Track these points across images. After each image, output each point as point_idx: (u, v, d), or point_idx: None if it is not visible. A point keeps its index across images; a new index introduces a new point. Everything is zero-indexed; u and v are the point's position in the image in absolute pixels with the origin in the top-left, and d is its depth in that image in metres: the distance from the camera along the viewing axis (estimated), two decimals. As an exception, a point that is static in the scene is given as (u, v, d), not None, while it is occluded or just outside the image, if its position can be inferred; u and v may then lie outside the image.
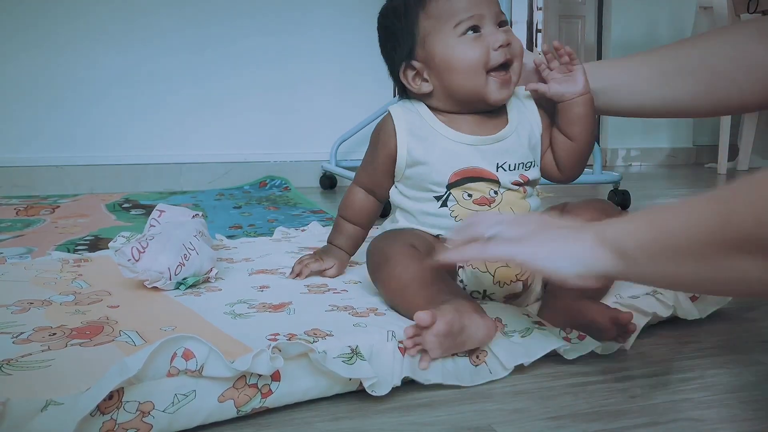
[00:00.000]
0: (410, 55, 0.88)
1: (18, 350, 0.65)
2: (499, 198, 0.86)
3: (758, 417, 0.62)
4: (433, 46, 0.85)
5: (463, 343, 0.70)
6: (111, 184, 2.40)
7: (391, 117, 0.90)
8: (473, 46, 0.83)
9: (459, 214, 0.86)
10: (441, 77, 0.86)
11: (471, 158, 0.86)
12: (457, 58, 0.84)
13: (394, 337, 0.69)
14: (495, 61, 0.83)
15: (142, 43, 2.43)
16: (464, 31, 0.83)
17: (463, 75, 0.84)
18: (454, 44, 0.84)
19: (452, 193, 0.86)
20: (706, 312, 0.87)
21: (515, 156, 0.87)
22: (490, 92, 0.84)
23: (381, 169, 0.91)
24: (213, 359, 0.59)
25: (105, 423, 0.55)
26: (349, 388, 0.66)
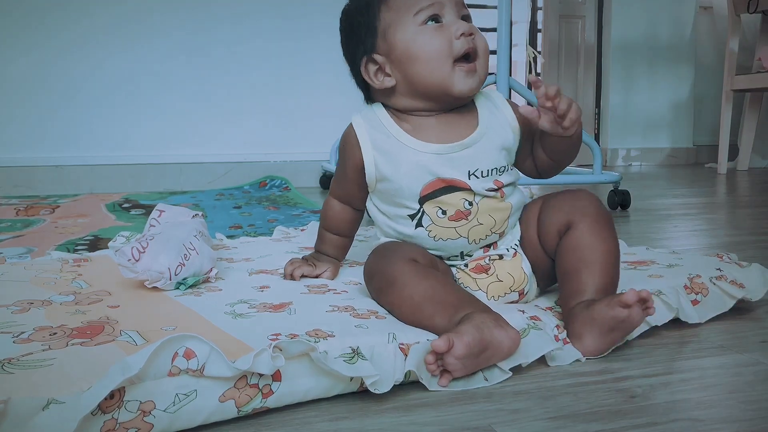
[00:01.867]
0: (372, 49, 0.85)
1: (19, 350, 0.65)
2: (475, 208, 0.83)
3: (758, 417, 0.62)
4: (394, 36, 0.83)
5: (488, 359, 0.69)
6: (111, 184, 2.40)
7: (353, 130, 0.88)
8: (434, 35, 0.81)
9: (437, 233, 0.84)
10: (403, 69, 0.83)
11: (440, 169, 0.82)
12: (418, 47, 0.81)
13: (395, 339, 0.69)
14: (458, 49, 0.81)
15: (142, 44, 2.43)
16: (425, 19, 0.82)
17: (426, 64, 0.81)
18: (415, 33, 0.82)
19: (425, 210, 0.83)
20: (706, 317, 0.87)
21: (486, 162, 0.83)
22: (454, 83, 0.81)
23: (352, 181, 0.89)
24: (214, 359, 0.59)
25: (106, 422, 0.55)
26: (350, 388, 0.66)
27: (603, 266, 0.79)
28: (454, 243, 0.85)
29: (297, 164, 2.59)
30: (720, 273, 0.94)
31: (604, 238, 0.80)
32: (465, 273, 0.86)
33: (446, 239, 0.84)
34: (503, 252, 0.86)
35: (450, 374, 0.68)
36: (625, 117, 3.78)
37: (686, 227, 1.70)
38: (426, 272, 0.78)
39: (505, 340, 0.69)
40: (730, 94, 3.17)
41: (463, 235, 0.84)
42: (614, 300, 0.73)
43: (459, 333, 0.67)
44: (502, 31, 1.88)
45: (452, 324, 0.71)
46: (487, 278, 0.85)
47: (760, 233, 1.60)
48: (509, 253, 0.86)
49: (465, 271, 0.86)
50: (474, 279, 0.85)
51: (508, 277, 0.85)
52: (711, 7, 3.87)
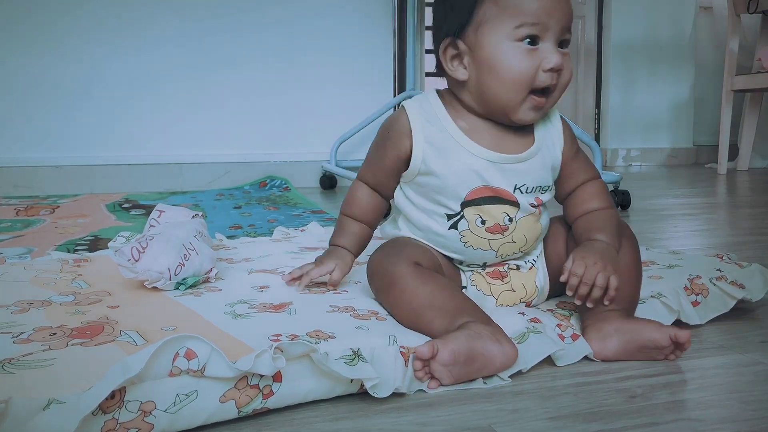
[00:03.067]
0: (458, 33, 0.79)
1: (18, 350, 0.65)
2: (513, 225, 0.82)
3: (758, 417, 0.62)
4: (485, 36, 0.77)
5: (478, 370, 0.68)
6: (111, 184, 2.40)
7: (406, 115, 0.82)
8: (524, 58, 0.76)
9: (470, 240, 0.82)
10: (480, 72, 0.78)
11: (491, 176, 0.80)
12: (504, 63, 0.76)
13: (395, 341, 0.69)
14: (540, 82, 0.77)
15: (142, 44, 2.43)
16: (522, 36, 0.76)
17: (502, 83, 0.77)
18: (506, 46, 0.76)
19: (465, 214, 0.81)
20: (707, 318, 0.87)
21: (534, 179, 0.82)
22: (519, 111, 0.79)
23: (389, 169, 0.85)
24: (215, 359, 0.59)
25: (106, 422, 0.55)
26: (350, 389, 0.66)
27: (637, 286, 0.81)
28: (482, 254, 0.84)
29: (297, 164, 2.59)
30: (720, 273, 0.94)
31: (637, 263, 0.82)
32: (481, 276, 0.85)
33: (476, 248, 0.83)
34: (521, 264, 0.86)
35: (437, 381, 0.67)
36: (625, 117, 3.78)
37: (686, 227, 1.70)
38: (428, 276, 0.77)
39: (498, 355, 0.68)
40: (730, 94, 3.16)
41: (494, 249, 0.83)
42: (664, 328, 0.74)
43: (446, 340, 0.67)
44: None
45: (449, 331, 0.70)
46: (502, 286, 0.85)
47: (759, 233, 1.60)
48: (526, 265, 0.86)
49: (482, 275, 0.85)
50: (489, 284, 0.85)
51: (521, 288, 0.85)
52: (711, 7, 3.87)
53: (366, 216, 0.91)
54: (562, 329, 0.78)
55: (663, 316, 0.84)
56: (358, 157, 2.61)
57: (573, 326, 0.79)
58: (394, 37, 2.72)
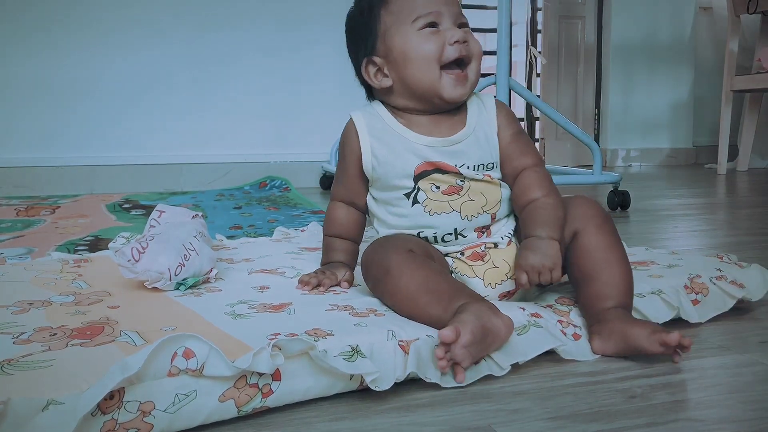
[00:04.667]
0: (372, 51, 0.90)
1: (18, 350, 0.65)
2: (467, 185, 0.87)
3: (758, 417, 0.62)
4: (393, 39, 0.88)
5: (489, 345, 0.70)
6: (111, 185, 2.40)
7: (352, 121, 0.92)
8: (429, 39, 0.86)
9: (432, 207, 0.87)
10: (399, 70, 0.88)
11: (431, 156, 0.87)
12: (412, 49, 0.86)
13: (394, 336, 0.69)
14: (449, 55, 0.85)
15: (142, 44, 2.43)
16: (422, 26, 0.86)
17: (418, 67, 0.86)
18: (411, 37, 0.87)
19: (420, 186, 0.87)
20: (706, 317, 0.88)
21: (473, 158, 0.88)
22: (444, 88, 0.86)
23: (353, 175, 0.93)
24: (213, 358, 0.59)
25: (106, 423, 0.55)
26: (350, 387, 0.66)
27: (621, 268, 0.82)
28: (448, 217, 0.87)
29: (297, 165, 2.59)
30: (720, 273, 0.94)
31: (615, 240, 0.83)
32: (461, 261, 0.87)
33: (440, 213, 0.87)
34: (498, 240, 0.88)
35: (460, 366, 0.68)
36: (625, 117, 3.78)
37: (686, 228, 1.70)
38: (421, 262, 0.79)
39: (502, 327, 0.71)
40: (730, 94, 3.17)
41: (456, 209, 0.87)
42: (656, 335, 0.73)
43: (462, 322, 0.68)
44: (502, 32, 1.88)
45: (448, 314, 0.72)
46: (483, 265, 0.86)
47: (759, 233, 1.60)
48: (503, 241, 0.88)
49: (461, 260, 0.87)
50: (470, 266, 0.86)
51: (503, 264, 0.86)
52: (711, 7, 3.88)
53: (349, 232, 0.97)
54: (563, 326, 0.79)
55: (662, 312, 0.84)
56: (358, 158, 2.60)
57: (573, 323, 0.80)
58: (394, 37, 2.72)
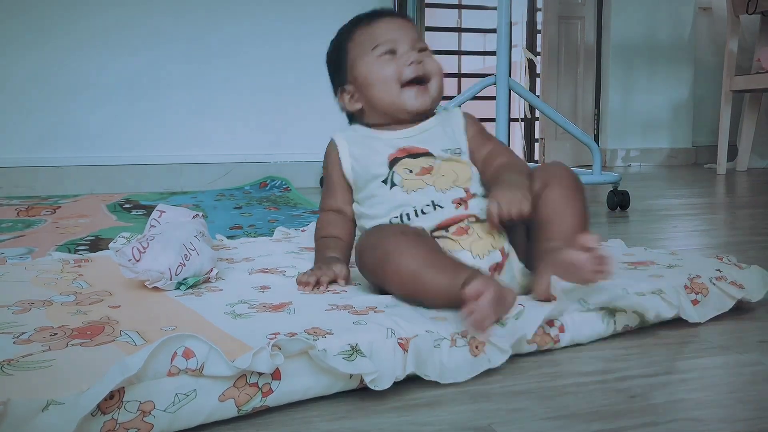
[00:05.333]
0: (344, 80, 1.02)
1: (19, 350, 0.65)
2: (438, 165, 0.95)
3: (758, 417, 0.62)
4: (359, 67, 0.99)
5: (500, 310, 0.74)
6: (111, 185, 2.40)
7: (333, 140, 1.03)
8: (388, 63, 0.97)
9: (409, 186, 0.93)
10: (365, 94, 0.99)
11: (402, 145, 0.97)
12: (374, 74, 0.98)
13: (393, 334, 0.69)
14: (407, 74, 0.96)
15: (142, 44, 2.43)
16: (381, 53, 0.98)
17: (380, 88, 0.97)
18: (372, 63, 0.98)
19: (395, 170, 0.95)
20: (706, 317, 0.87)
21: (441, 143, 0.97)
22: (406, 101, 0.97)
23: (338, 183, 1.01)
24: (213, 358, 0.59)
25: (106, 423, 0.55)
26: (349, 386, 0.66)
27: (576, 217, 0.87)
28: (424, 191, 0.93)
29: (297, 165, 2.59)
30: (720, 274, 0.94)
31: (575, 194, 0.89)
32: (447, 238, 0.90)
33: (417, 189, 0.93)
34: (477, 213, 0.91)
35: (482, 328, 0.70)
36: (625, 117, 3.78)
37: (685, 228, 1.70)
38: (418, 240, 0.84)
39: (509, 295, 0.75)
40: (730, 94, 3.17)
41: (430, 184, 0.93)
42: (573, 241, 0.79)
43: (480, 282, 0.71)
44: (502, 32, 1.88)
45: (455, 286, 0.74)
46: (468, 238, 0.89)
47: (759, 234, 1.60)
48: (483, 214, 0.91)
49: (448, 236, 0.90)
50: (456, 240, 0.89)
51: (487, 236, 0.89)
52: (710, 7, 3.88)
53: (340, 232, 1.01)
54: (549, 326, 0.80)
55: (663, 310, 0.84)
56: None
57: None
58: (394, 37, 2.72)
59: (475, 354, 0.71)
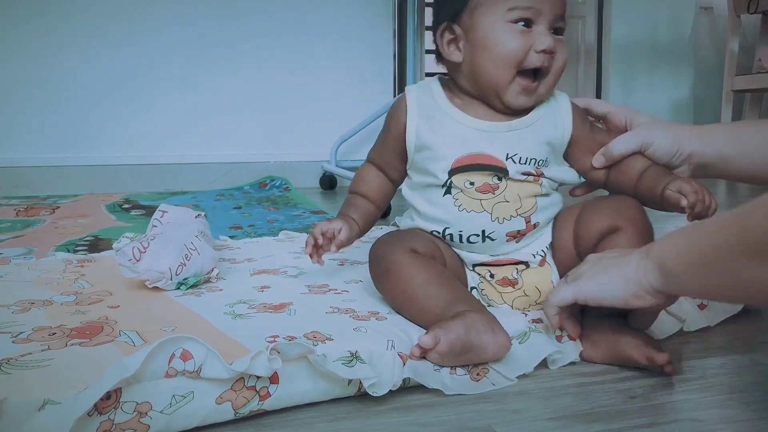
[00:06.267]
0: (454, 18, 0.83)
1: (18, 350, 0.65)
2: (504, 184, 0.82)
3: (758, 417, 0.62)
4: (480, 18, 0.80)
5: (469, 360, 0.69)
6: (111, 185, 2.40)
7: (404, 96, 0.87)
8: (516, 38, 0.79)
9: (463, 203, 0.82)
10: (474, 53, 0.81)
11: (479, 144, 0.82)
12: (496, 40, 0.79)
13: (393, 347, 0.69)
14: (530, 62, 0.79)
15: (142, 44, 2.43)
16: (515, 19, 0.79)
17: (494, 61, 0.80)
18: (500, 27, 0.79)
19: (453, 182, 0.82)
20: (716, 321, 0.86)
21: (526, 150, 0.82)
22: (509, 93, 0.81)
23: (391, 148, 0.88)
24: (211, 360, 0.59)
25: (102, 423, 0.55)
26: (348, 392, 0.65)
27: None
28: (477, 216, 0.82)
29: (297, 164, 2.59)
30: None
31: None
32: (491, 285, 0.84)
33: (470, 210, 0.82)
34: (530, 258, 0.84)
35: None
36: (626, 117, 3.78)
37: (687, 227, 1.69)
38: (423, 264, 0.78)
39: (491, 345, 0.69)
40: (731, 94, 3.16)
41: (487, 210, 0.82)
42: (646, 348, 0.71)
43: (447, 330, 0.68)
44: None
45: (444, 319, 0.71)
46: (513, 292, 0.83)
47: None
48: (536, 260, 0.84)
49: (491, 284, 0.84)
50: (500, 293, 0.84)
51: (534, 292, 0.83)
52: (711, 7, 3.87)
53: (372, 193, 0.92)
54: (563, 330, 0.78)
55: (668, 326, 0.82)
56: (358, 158, 2.60)
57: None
58: (394, 37, 2.72)
59: (476, 380, 0.70)
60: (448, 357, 0.68)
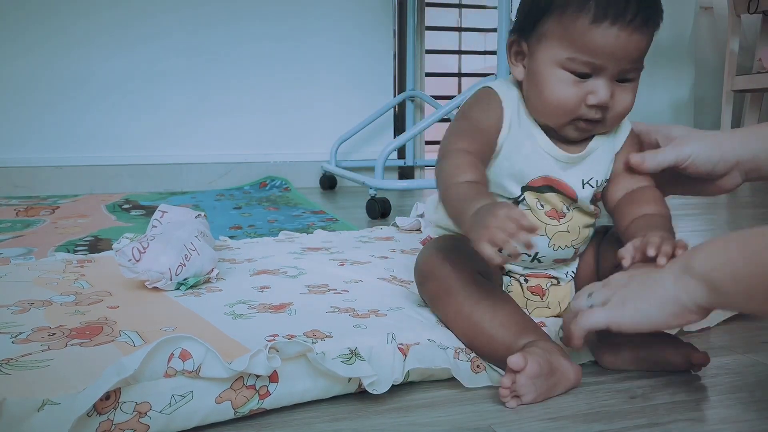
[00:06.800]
0: (525, 34, 0.77)
1: (17, 350, 0.65)
2: (570, 215, 0.80)
3: (758, 417, 0.62)
4: (541, 51, 0.74)
5: (555, 385, 0.66)
6: (111, 185, 2.40)
7: (497, 94, 0.78)
8: (568, 88, 0.73)
9: None
10: (530, 83, 0.77)
11: (556, 170, 0.78)
12: (548, 86, 0.74)
13: (394, 339, 0.69)
14: (583, 114, 0.74)
15: (142, 44, 2.43)
16: (572, 69, 0.72)
17: (545, 105, 0.75)
18: (554, 71, 0.73)
19: (526, 197, 0.78)
20: (716, 321, 0.87)
21: (601, 172, 0.80)
22: (564, 131, 0.77)
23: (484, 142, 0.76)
24: (210, 360, 0.59)
25: (102, 423, 0.55)
26: (348, 389, 0.65)
27: None
28: (537, 239, 0.77)
29: (297, 164, 2.59)
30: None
31: None
32: (521, 289, 0.82)
33: None
34: (561, 276, 0.83)
35: (519, 399, 0.64)
36: (626, 117, 3.78)
37: (687, 228, 1.69)
38: (488, 288, 0.73)
39: (571, 371, 0.67)
40: (731, 94, 3.16)
41: (548, 235, 0.79)
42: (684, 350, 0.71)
43: (531, 353, 0.64)
44: (502, 31, 1.87)
45: (512, 350, 0.66)
46: (539, 303, 0.83)
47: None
48: (566, 279, 0.84)
49: (523, 288, 0.82)
50: (527, 299, 0.82)
51: (556, 306, 0.83)
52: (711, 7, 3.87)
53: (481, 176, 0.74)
54: None
55: None
56: (358, 158, 2.60)
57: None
58: (394, 37, 2.72)
59: (475, 371, 0.70)
60: (537, 381, 0.64)
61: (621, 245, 0.74)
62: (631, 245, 0.71)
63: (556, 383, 0.66)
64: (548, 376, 0.65)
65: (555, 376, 0.66)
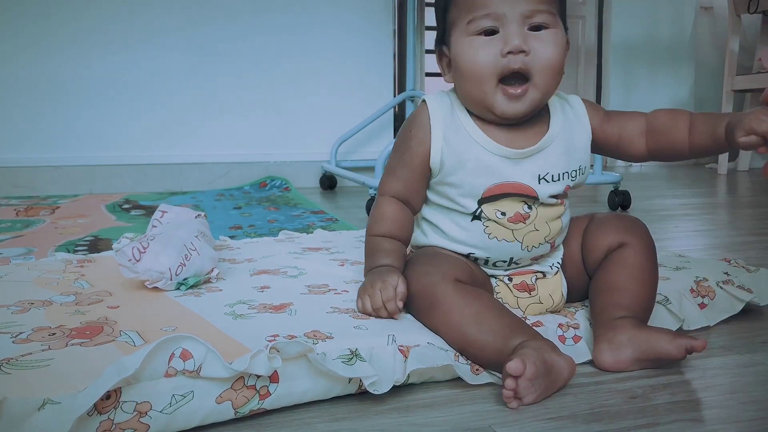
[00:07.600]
0: (442, 41, 0.80)
1: (18, 350, 0.65)
2: (534, 213, 0.79)
3: (758, 417, 0.62)
4: (453, 39, 0.76)
5: (553, 382, 0.66)
6: (111, 185, 2.40)
7: (427, 109, 0.80)
8: (480, 49, 0.74)
9: (493, 231, 0.79)
10: (456, 75, 0.78)
11: (508, 173, 0.78)
12: (464, 58, 0.75)
13: (394, 341, 0.69)
14: (503, 68, 0.73)
15: (142, 44, 2.43)
16: (477, 30, 0.74)
17: (468, 80, 0.75)
18: (465, 43, 0.75)
19: (483, 210, 0.78)
20: (715, 320, 0.87)
21: (559, 166, 0.79)
22: (496, 104, 0.75)
23: (415, 170, 0.80)
24: (211, 360, 0.59)
25: (102, 423, 0.55)
26: (348, 390, 0.65)
27: (652, 290, 0.80)
28: (508, 246, 0.80)
29: (297, 164, 2.59)
30: (727, 277, 0.93)
31: (654, 266, 0.80)
32: (507, 288, 0.83)
33: (501, 240, 0.79)
34: (546, 269, 0.83)
35: (521, 400, 0.64)
36: (626, 117, 3.78)
37: (687, 228, 1.69)
38: (472, 295, 0.73)
39: (565, 366, 0.68)
40: (731, 94, 3.16)
41: (519, 240, 0.80)
42: (679, 339, 0.71)
43: (525, 355, 0.65)
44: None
45: (504, 354, 0.67)
46: (530, 298, 0.82)
47: (760, 234, 1.60)
48: (552, 270, 0.84)
49: (508, 287, 0.82)
50: (516, 297, 0.82)
51: (548, 299, 0.82)
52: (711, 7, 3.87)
53: (400, 232, 0.83)
54: (564, 330, 0.78)
55: (668, 324, 0.82)
56: (358, 158, 2.60)
57: (576, 326, 0.79)
58: (394, 37, 2.72)
59: (475, 374, 0.70)
60: (536, 381, 0.64)
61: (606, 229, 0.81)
62: None
63: (554, 380, 0.67)
64: (545, 374, 0.65)
65: (552, 373, 0.66)
